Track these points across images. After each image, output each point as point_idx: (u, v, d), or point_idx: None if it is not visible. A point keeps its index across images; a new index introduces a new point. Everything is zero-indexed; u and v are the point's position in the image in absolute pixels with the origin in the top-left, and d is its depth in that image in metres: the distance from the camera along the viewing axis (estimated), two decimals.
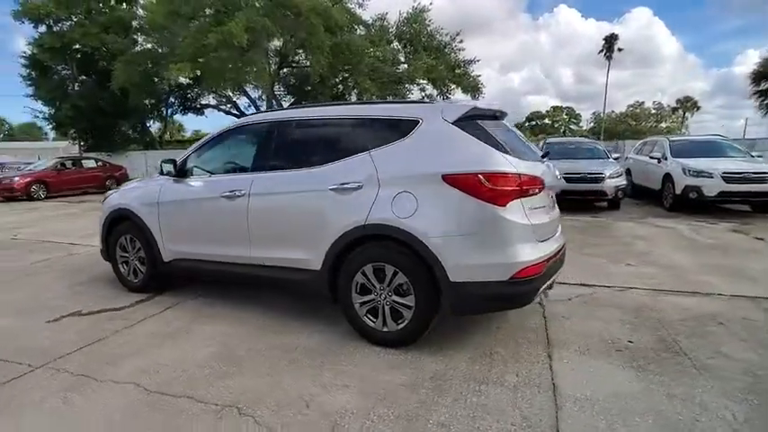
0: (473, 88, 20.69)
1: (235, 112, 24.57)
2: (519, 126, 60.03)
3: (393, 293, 2.74)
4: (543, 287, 2.70)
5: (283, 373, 2.57)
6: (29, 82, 23.77)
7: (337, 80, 19.30)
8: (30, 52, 22.35)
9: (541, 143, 11.83)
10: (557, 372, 2.49)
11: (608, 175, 8.71)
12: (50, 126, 26.34)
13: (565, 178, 8.64)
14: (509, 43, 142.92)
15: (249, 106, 24.14)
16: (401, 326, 2.75)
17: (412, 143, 2.75)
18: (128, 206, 3.97)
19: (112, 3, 23.55)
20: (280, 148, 3.29)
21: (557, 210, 3.27)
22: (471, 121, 2.76)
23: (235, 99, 24.06)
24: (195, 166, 3.71)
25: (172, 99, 24.18)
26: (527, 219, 2.59)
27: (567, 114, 64.02)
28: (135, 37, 22.41)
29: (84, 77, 24.80)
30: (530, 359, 2.65)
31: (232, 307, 3.64)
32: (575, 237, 6.21)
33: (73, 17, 22.16)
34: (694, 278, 4.24)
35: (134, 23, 22.58)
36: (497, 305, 2.78)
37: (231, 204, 3.31)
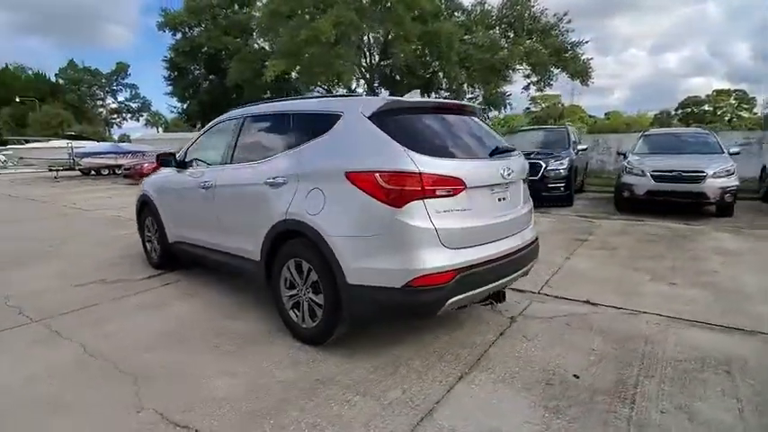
0: (581, 73, 18.73)
1: None
2: (669, 115, 52.20)
3: (310, 290, 2.75)
4: (456, 299, 2.44)
5: (201, 353, 2.79)
6: (169, 82, 28.46)
7: (427, 70, 19.12)
8: (169, 56, 26.67)
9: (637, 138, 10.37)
10: (450, 396, 2.26)
11: (711, 173, 7.22)
12: (183, 119, 31.01)
13: (654, 176, 7.50)
14: (665, 18, 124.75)
15: None
16: (315, 324, 2.75)
17: (329, 138, 2.71)
18: (147, 192, 4.61)
19: (235, 7, 26.76)
20: (239, 143, 3.50)
21: (518, 210, 2.95)
22: (391, 116, 2.60)
23: (335, 92, 25.56)
24: (194, 158, 4.13)
25: (272, 95, 26.45)
26: (430, 222, 2.36)
27: (735, 99, 53.80)
28: (250, 37, 25.09)
29: (212, 76, 28.73)
30: (435, 377, 2.44)
31: (212, 290, 4.00)
32: (637, 246, 5.40)
33: (201, 23, 25.79)
34: (750, 309, 3.36)
35: (251, 25, 25.26)
36: (394, 314, 2.61)
37: (205, 194, 3.64)
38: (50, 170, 20.08)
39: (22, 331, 3.16)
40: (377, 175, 2.37)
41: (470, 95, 19.51)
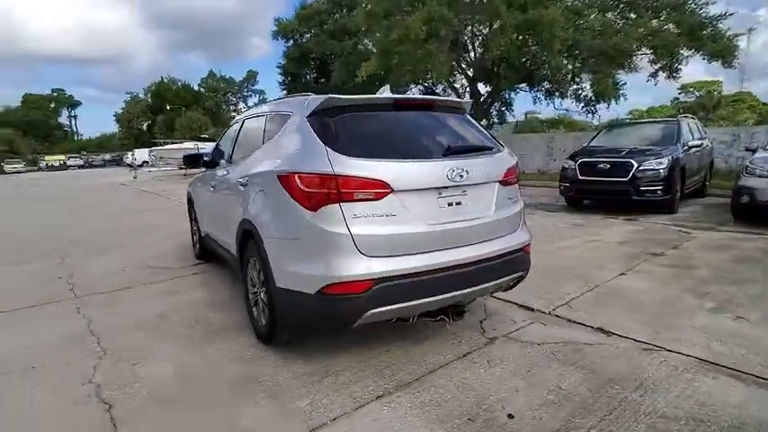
0: (722, 53, 15.74)
1: None
2: None
3: (263, 290, 2.82)
4: (376, 311, 2.27)
5: (170, 339, 3.06)
6: (282, 87, 31.33)
7: (527, 61, 17.86)
8: (282, 63, 29.36)
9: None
10: (354, 414, 2.13)
11: None
12: None
13: None
14: None
15: (449, 96, 25.15)
16: (265, 323, 2.81)
17: (277, 140, 2.75)
18: (189, 190, 5.19)
19: (343, 11, 28.32)
20: (236, 145, 3.74)
21: (484, 216, 2.64)
22: (328, 116, 2.52)
23: (437, 89, 25.42)
24: (215, 159, 4.52)
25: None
26: (345, 227, 2.23)
27: None
28: (357, 40, 26.28)
29: (323, 80, 30.84)
30: (355, 392, 2.31)
31: (220, 282, 4.34)
32: (725, 266, 4.43)
33: (311, 30, 27.85)
34: None
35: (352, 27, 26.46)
36: (314, 321, 2.49)
37: (212, 192, 3.98)
38: (180, 168, 23.63)
39: (57, 306, 3.81)
40: (296, 176, 2.33)
41: (576, 86, 17.73)
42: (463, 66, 19.99)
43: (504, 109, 20.49)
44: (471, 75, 20.05)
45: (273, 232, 2.51)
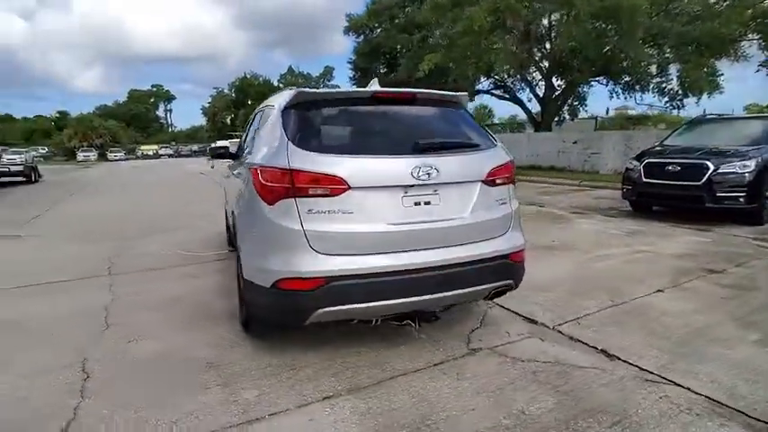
0: None
1: (508, 96, 25.10)
2: None
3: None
4: (327, 310, 2.23)
5: (175, 321, 3.24)
6: (353, 82, 31.96)
7: (603, 51, 16.45)
8: (352, 59, 29.92)
9: None
10: (293, 412, 2.10)
11: None
12: None
13: None
14: None
15: (521, 89, 24.07)
16: (244, 313, 2.88)
17: (259, 132, 2.81)
18: (219, 180, 5.47)
19: (415, 5, 28.16)
20: (246, 137, 3.86)
21: (458, 218, 2.47)
22: (299, 110, 2.51)
23: (507, 82, 24.39)
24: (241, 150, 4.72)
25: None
26: (299, 223, 2.20)
27: None
28: (422, 33, 26.04)
29: (393, 74, 31.01)
30: (305, 390, 2.29)
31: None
32: None
33: (381, 25, 28.02)
34: None
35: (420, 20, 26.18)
36: (270, 315, 2.47)
37: (229, 185, 4.16)
38: None
39: (89, 281, 4.22)
40: (259, 170, 2.35)
41: (659, 79, 16.01)
42: (537, 58, 18.94)
43: (576, 104, 19.09)
44: (546, 67, 18.95)
45: (243, 224, 2.56)
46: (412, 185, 2.35)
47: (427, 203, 2.40)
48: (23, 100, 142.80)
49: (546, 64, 18.35)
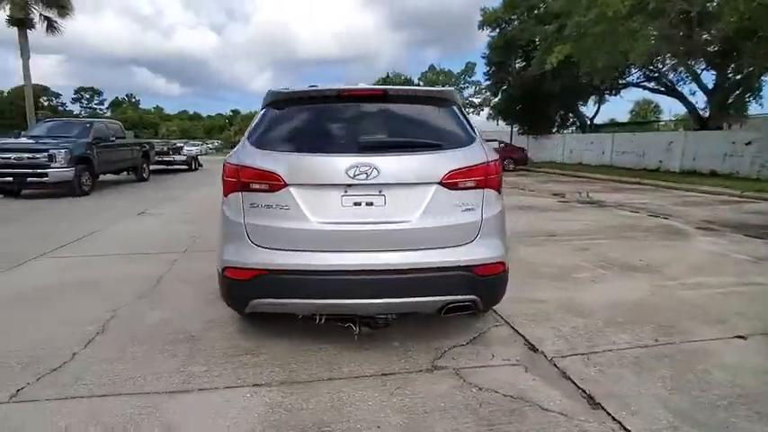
0: None
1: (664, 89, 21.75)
2: None
3: None
4: (259, 301, 2.33)
5: (198, 295, 3.68)
6: (486, 77, 31.12)
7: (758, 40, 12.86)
8: (486, 54, 29.02)
9: None
10: (202, 395, 2.23)
11: None
12: (495, 113, 32.88)
13: None
14: None
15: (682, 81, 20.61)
16: None
17: None
18: None
19: None
20: None
21: (405, 221, 2.33)
22: (273, 107, 2.62)
23: (662, 73, 21.05)
24: None
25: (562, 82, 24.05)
26: (241, 216, 2.33)
27: None
28: (556, 24, 24.00)
29: (528, 68, 29.30)
30: (232, 376, 2.40)
31: None
32: None
33: (519, 16, 26.58)
34: None
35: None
36: (224, 300, 2.57)
37: None
38: None
39: (168, 255, 5.00)
40: (224, 165, 2.53)
41: None
42: (699, 43, 15.90)
43: (749, 97, 15.49)
44: (711, 54, 15.82)
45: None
46: (351, 185, 2.28)
47: (369, 204, 2.30)
48: (209, 100, 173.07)
49: (710, 49, 15.25)
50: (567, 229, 6.64)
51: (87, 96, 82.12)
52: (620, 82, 24.17)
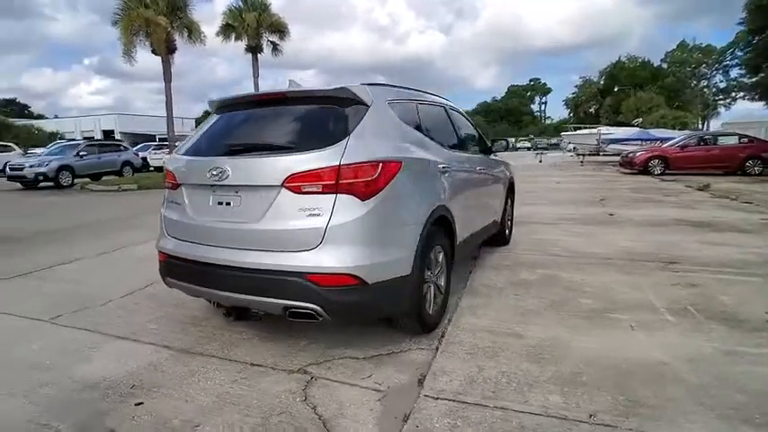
0: None
1: None
2: None
3: None
4: (169, 280, 2.83)
5: None
6: (743, 50, 23.91)
7: None
8: (743, 18, 22.23)
9: None
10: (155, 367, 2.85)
11: None
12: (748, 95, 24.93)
13: None
14: None
15: None
16: None
17: None
18: None
19: None
20: None
21: (255, 222, 2.45)
22: (220, 111, 2.99)
23: None
24: None
25: None
26: (164, 208, 2.86)
27: None
28: None
29: None
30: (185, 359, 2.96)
31: None
32: None
33: None
34: None
35: None
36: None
37: None
38: (577, 155, 23.51)
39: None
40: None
41: None
42: None
43: None
44: None
45: None
46: (215, 185, 2.53)
47: (228, 204, 2.52)
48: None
49: None
50: None
51: None
52: None
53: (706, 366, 2.54)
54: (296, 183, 2.33)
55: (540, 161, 25.98)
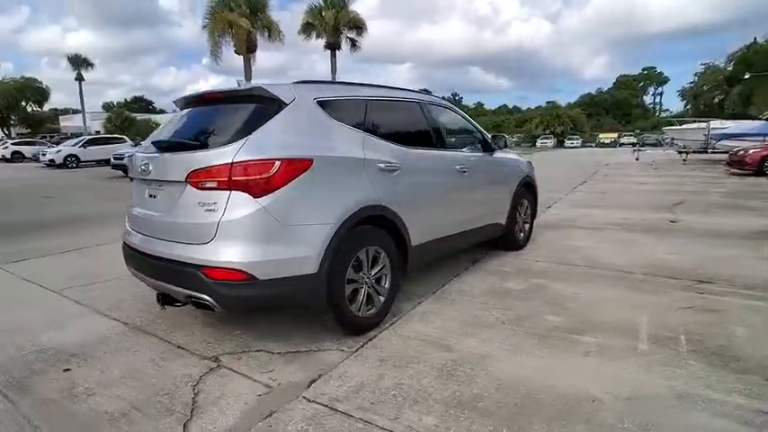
0: None
1: None
2: None
3: None
4: (131, 269, 3.04)
5: None
6: None
7: None
8: None
9: None
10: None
11: None
12: None
13: None
14: None
15: None
16: None
17: None
18: None
19: None
20: None
21: (169, 215, 2.62)
22: (179, 109, 3.21)
23: None
24: None
25: None
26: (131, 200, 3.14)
27: None
28: None
29: None
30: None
31: None
32: None
33: None
34: None
35: None
36: None
37: None
38: (679, 152, 20.73)
39: None
40: None
41: None
42: None
43: None
44: None
45: None
46: (147, 179, 2.77)
47: (155, 197, 2.72)
48: (534, 93, 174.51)
49: None
50: None
51: None
52: None
53: (642, 409, 2.16)
54: (196, 179, 2.46)
55: (637, 158, 23.36)
